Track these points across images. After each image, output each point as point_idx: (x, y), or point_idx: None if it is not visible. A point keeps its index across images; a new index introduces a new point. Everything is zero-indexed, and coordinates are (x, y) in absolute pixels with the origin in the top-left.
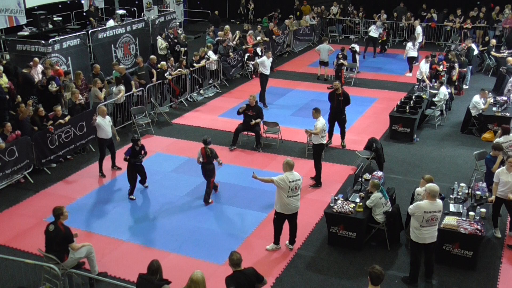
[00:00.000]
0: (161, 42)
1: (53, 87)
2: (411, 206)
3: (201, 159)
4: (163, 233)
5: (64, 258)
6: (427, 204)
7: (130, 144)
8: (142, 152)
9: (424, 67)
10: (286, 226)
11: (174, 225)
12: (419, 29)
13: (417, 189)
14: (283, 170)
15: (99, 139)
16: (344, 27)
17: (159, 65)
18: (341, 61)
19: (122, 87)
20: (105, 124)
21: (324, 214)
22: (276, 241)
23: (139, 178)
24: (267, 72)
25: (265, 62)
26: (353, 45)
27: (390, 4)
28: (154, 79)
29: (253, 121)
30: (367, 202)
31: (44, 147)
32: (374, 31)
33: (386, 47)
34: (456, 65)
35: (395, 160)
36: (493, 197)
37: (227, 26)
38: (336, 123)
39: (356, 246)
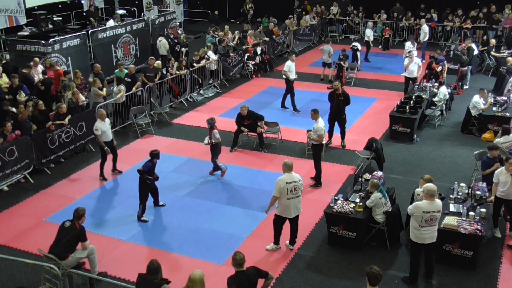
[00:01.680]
0: (164, 42)
1: (21, 97)
2: (410, 206)
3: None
4: (163, 233)
5: (66, 257)
6: (426, 204)
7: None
8: (155, 174)
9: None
10: (286, 226)
11: (174, 225)
12: (426, 28)
13: (417, 189)
14: (282, 171)
15: None
16: (345, 27)
17: (155, 64)
18: (341, 62)
19: (122, 87)
20: (105, 128)
21: (324, 214)
22: (276, 241)
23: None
24: (294, 76)
25: (291, 67)
26: (354, 43)
27: (389, 4)
28: (156, 79)
29: (259, 128)
30: (367, 202)
31: (44, 147)
32: (367, 36)
33: (388, 46)
34: (445, 62)
35: (395, 160)
36: (492, 198)
37: (226, 26)
38: (336, 123)
39: (356, 246)
